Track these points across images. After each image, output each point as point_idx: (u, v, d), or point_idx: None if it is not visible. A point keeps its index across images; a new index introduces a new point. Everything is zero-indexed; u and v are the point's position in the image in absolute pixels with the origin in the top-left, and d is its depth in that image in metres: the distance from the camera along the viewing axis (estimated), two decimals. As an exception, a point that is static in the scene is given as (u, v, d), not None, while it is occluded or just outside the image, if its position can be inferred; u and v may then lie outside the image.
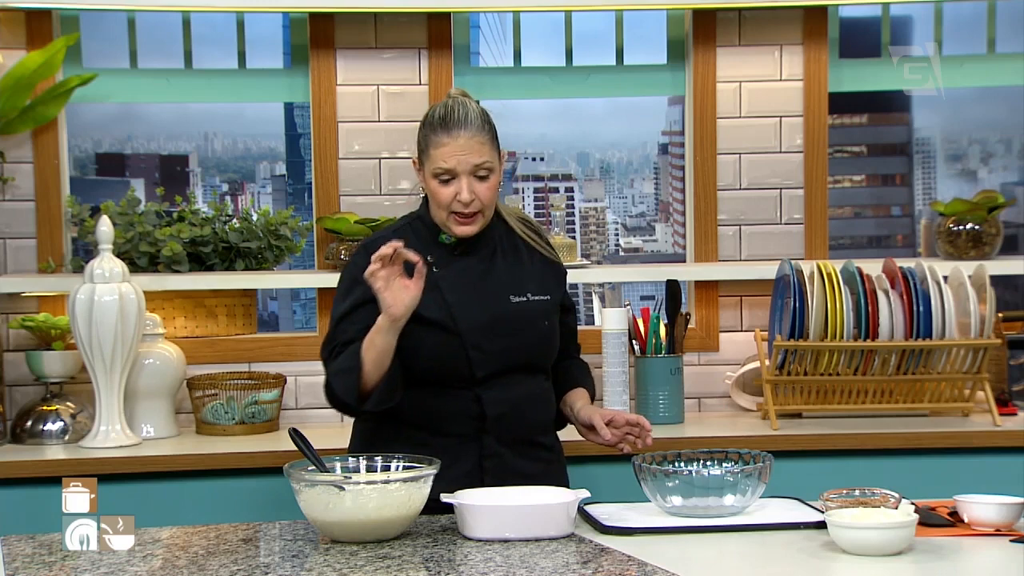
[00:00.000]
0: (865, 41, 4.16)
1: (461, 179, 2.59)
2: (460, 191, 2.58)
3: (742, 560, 2.19)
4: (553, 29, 4.00)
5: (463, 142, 2.59)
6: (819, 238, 3.94)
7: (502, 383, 2.63)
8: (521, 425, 2.66)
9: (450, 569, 2.10)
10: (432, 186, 2.62)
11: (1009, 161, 6.49)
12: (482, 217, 2.63)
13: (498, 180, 2.65)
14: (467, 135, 2.59)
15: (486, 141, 2.61)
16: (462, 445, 2.62)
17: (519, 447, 2.67)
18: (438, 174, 2.61)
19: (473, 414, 2.63)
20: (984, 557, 2.18)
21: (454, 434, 2.63)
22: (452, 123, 2.60)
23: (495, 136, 2.65)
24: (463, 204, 2.59)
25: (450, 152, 2.58)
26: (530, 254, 2.74)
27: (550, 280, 2.74)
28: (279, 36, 4.06)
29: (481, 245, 2.69)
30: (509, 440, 2.65)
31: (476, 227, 2.63)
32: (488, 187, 2.61)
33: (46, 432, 3.53)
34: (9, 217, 3.77)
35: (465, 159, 2.58)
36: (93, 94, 3.81)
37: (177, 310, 3.79)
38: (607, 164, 6.05)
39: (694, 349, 3.88)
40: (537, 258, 2.75)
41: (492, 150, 2.63)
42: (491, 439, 2.64)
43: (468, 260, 2.68)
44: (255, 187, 5.90)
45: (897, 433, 3.44)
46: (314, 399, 3.84)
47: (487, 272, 2.68)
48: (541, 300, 2.69)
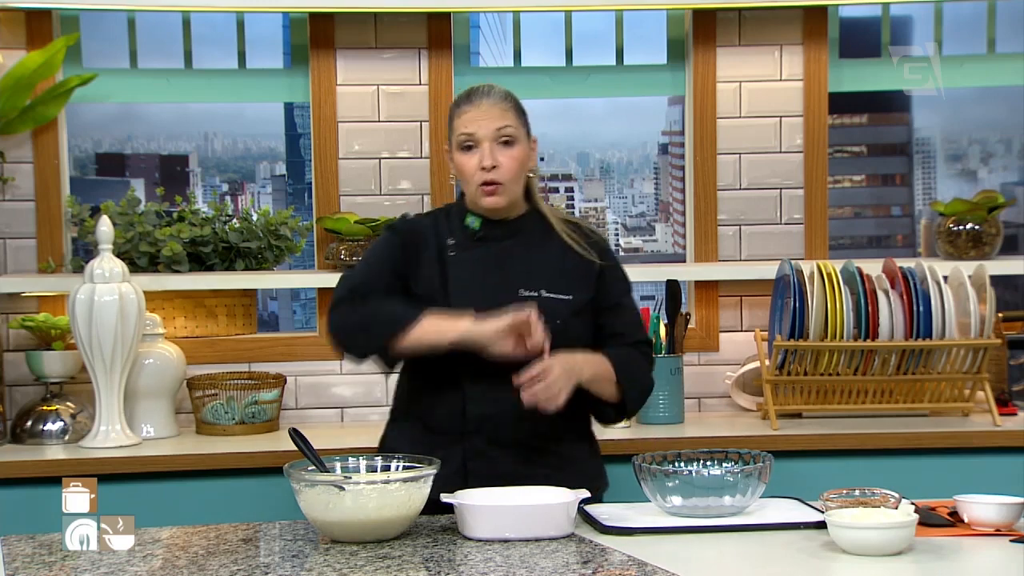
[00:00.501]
0: (865, 41, 4.16)
1: (483, 145, 2.60)
2: (483, 156, 2.59)
3: (742, 560, 2.19)
4: (553, 29, 4.00)
5: (484, 108, 2.62)
6: (819, 238, 3.94)
7: (495, 381, 2.56)
8: (515, 428, 2.60)
9: (450, 569, 2.10)
10: (459, 161, 2.64)
11: (1009, 161, 6.49)
12: (506, 190, 2.62)
13: (525, 155, 2.64)
14: (489, 102, 2.63)
15: (508, 109, 2.63)
16: (449, 444, 2.60)
17: (520, 451, 2.61)
18: (462, 143, 2.63)
19: (457, 411, 2.61)
20: (984, 557, 2.18)
21: (441, 432, 2.62)
22: (475, 94, 2.65)
23: (522, 113, 2.67)
24: (485, 170, 2.59)
25: (471, 117, 2.62)
26: (564, 253, 2.68)
27: (579, 280, 2.67)
28: (279, 36, 4.06)
29: (506, 235, 2.67)
30: (503, 442, 2.60)
31: (503, 199, 2.62)
32: (511, 156, 2.61)
33: (46, 432, 3.53)
34: (9, 217, 3.78)
35: (486, 123, 2.60)
36: (93, 94, 3.81)
37: (177, 310, 3.79)
38: (607, 164, 6.05)
39: (694, 349, 3.88)
40: (572, 257, 2.68)
41: (517, 120, 2.64)
42: (479, 440, 2.60)
43: (487, 248, 2.66)
44: (255, 187, 5.91)
45: (897, 433, 3.44)
46: (314, 399, 3.85)
47: (502, 262, 2.65)
48: (557, 298, 2.63)
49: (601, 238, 2.77)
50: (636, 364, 2.69)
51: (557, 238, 2.70)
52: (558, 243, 2.69)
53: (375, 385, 3.85)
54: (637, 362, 2.69)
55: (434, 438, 2.62)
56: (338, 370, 3.85)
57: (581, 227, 2.75)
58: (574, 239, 2.70)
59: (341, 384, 3.86)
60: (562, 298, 2.64)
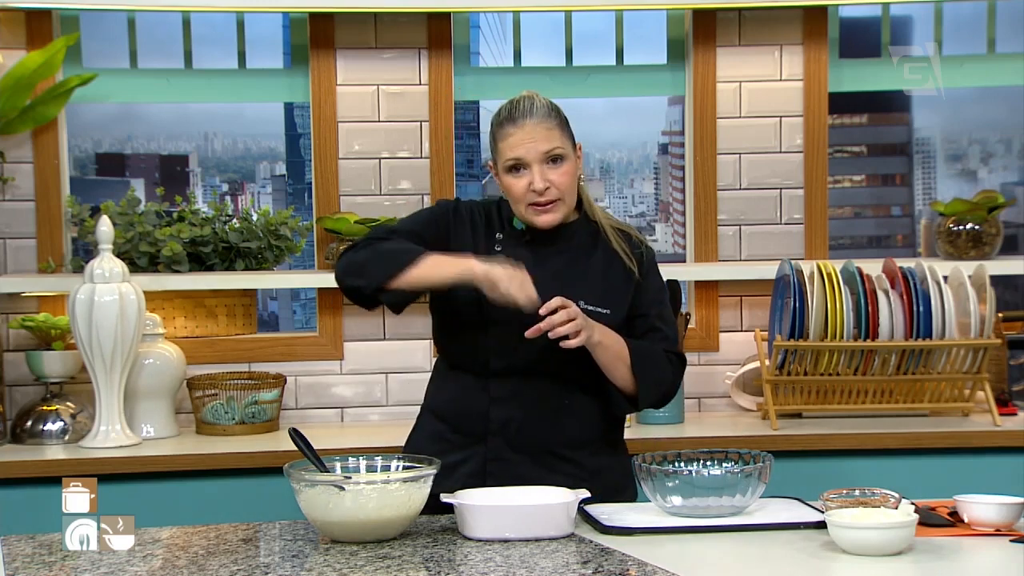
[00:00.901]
0: (865, 41, 4.16)
1: (532, 168, 2.56)
2: (533, 180, 2.55)
3: (742, 560, 2.18)
4: (553, 29, 4.00)
5: (529, 129, 2.56)
6: (819, 238, 3.94)
7: (520, 386, 2.58)
8: (537, 434, 2.59)
9: (450, 569, 2.10)
10: (507, 182, 2.59)
11: (1009, 161, 6.49)
12: (563, 204, 2.58)
13: (574, 168, 2.60)
14: (533, 122, 2.56)
15: (554, 127, 2.58)
16: (471, 445, 2.61)
17: (541, 457, 2.60)
18: (509, 166, 2.58)
19: (481, 414, 2.61)
20: (984, 557, 2.18)
21: (465, 432, 2.63)
22: (518, 114, 2.58)
23: (566, 125, 2.61)
24: (538, 193, 2.55)
25: (518, 140, 2.56)
26: (610, 265, 2.64)
27: (620, 295, 2.63)
28: (279, 36, 4.06)
29: (552, 240, 2.63)
30: (524, 448, 2.60)
31: (557, 215, 2.58)
32: (562, 172, 2.57)
33: (46, 432, 3.53)
34: (9, 217, 3.77)
35: (533, 146, 2.55)
36: (93, 94, 3.81)
37: (177, 310, 3.79)
38: (607, 164, 6.05)
39: (694, 349, 3.88)
40: (616, 270, 2.65)
41: (563, 137, 2.59)
42: (499, 442, 2.60)
43: (531, 250, 2.62)
44: (255, 187, 5.91)
45: (897, 433, 3.44)
46: (314, 399, 3.85)
47: (544, 268, 2.58)
48: (596, 311, 2.58)
49: (648, 248, 2.73)
50: (657, 358, 2.63)
51: (604, 247, 2.66)
52: (604, 253, 2.66)
53: (375, 385, 3.85)
54: (658, 357, 2.64)
55: (457, 438, 2.63)
56: (338, 370, 3.85)
57: (631, 236, 2.71)
58: (622, 248, 2.66)
59: (341, 384, 3.86)
60: (601, 311, 2.59)
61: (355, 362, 3.84)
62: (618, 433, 2.74)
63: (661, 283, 2.74)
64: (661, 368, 2.64)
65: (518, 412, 2.59)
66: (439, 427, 2.68)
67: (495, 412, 2.60)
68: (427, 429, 2.71)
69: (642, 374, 2.60)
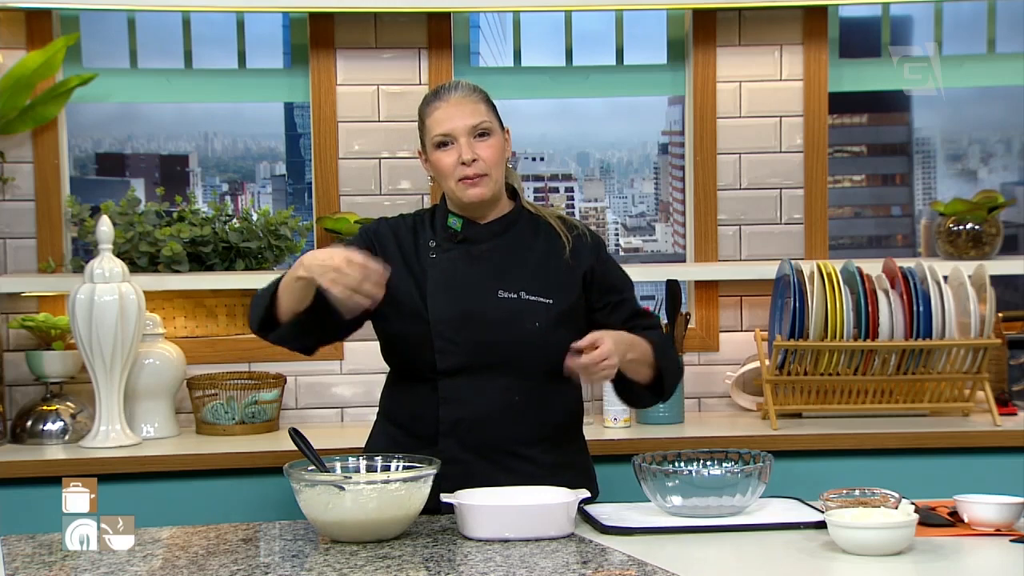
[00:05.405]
0: (865, 41, 4.16)
1: (460, 140, 2.57)
2: (461, 152, 2.57)
3: (742, 560, 2.19)
4: (553, 29, 4.00)
5: (455, 102, 2.59)
6: (819, 238, 3.94)
7: (468, 384, 2.56)
8: (488, 433, 2.57)
9: (450, 569, 2.10)
10: (435, 158, 2.61)
11: (1009, 161, 6.48)
12: (490, 180, 2.59)
13: (501, 144, 2.62)
14: (459, 96, 2.60)
15: (479, 102, 2.61)
16: (424, 447, 2.54)
17: (495, 456, 2.58)
18: (437, 143, 2.60)
19: (431, 415, 2.58)
20: (984, 557, 2.18)
21: (417, 435, 2.60)
22: (443, 91, 2.63)
23: (491, 104, 2.64)
24: (466, 165, 2.57)
25: (445, 115, 2.59)
26: (550, 255, 2.64)
27: (563, 284, 2.62)
28: (279, 36, 4.06)
29: (488, 235, 2.64)
30: (477, 447, 2.57)
31: (485, 189, 2.58)
32: (489, 146, 2.59)
33: (46, 432, 3.53)
34: (9, 217, 3.78)
35: (460, 120, 2.58)
36: (93, 94, 3.81)
37: (177, 310, 3.79)
38: (607, 164, 6.04)
39: (694, 349, 3.88)
40: (557, 259, 2.64)
41: (489, 112, 2.62)
42: (451, 443, 2.57)
43: (467, 248, 2.63)
44: (255, 187, 5.90)
45: (897, 433, 3.44)
46: (314, 399, 3.85)
47: (481, 263, 2.61)
48: (537, 301, 2.58)
49: (594, 234, 2.72)
50: (667, 346, 2.67)
51: (544, 238, 2.66)
52: (544, 244, 2.66)
53: (375, 385, 3.81)
54: (667, 345, 2.68)
55: (410, 441, 2.60)
56: (338, 370, 3.85)
57: (576, 226, 2.71)
58: (567, 238, 2.66)
59: (341, 384, 3.86)
60: (542, 301, 2.59)
61: (355, 362, 3.84)
62: (575, 430, 2.72)
63: (616, 263, 2.75)
64: (673, 354, 2.70)
65: (467, 411, 2.57)
66: (393, 431, 2.67)
67: (444, 412, 2.58)
68: (382, 435, 2.70)
69: (666, 368, 2.63)
